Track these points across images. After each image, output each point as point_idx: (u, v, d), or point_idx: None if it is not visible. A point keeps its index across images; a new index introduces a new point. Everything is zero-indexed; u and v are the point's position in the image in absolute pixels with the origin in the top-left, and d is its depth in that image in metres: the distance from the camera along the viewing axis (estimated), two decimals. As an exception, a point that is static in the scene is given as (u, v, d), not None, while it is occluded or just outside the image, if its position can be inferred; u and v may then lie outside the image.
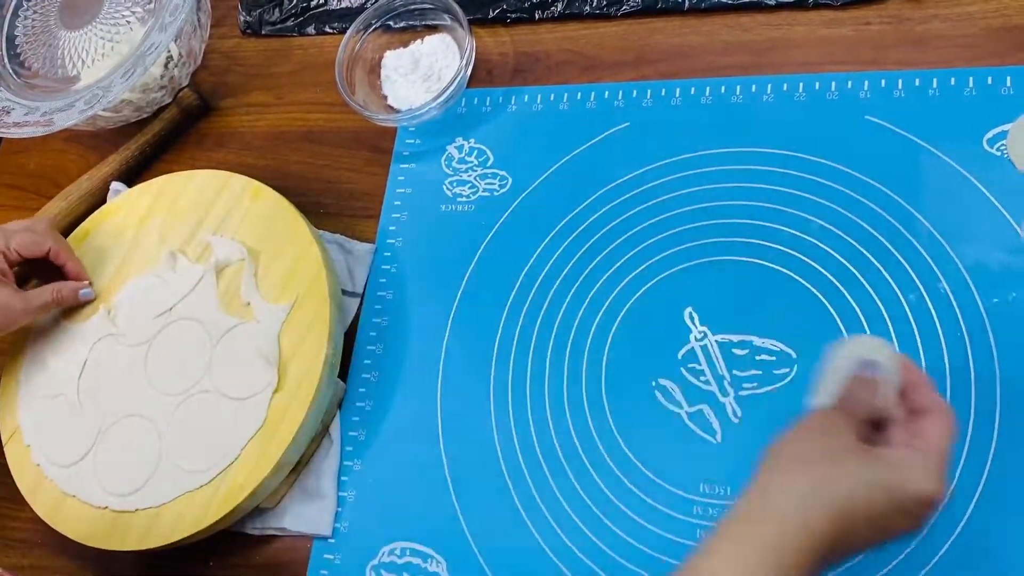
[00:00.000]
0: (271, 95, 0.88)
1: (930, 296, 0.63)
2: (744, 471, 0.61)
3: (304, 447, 0.68)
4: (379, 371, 0.72)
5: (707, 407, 0.64)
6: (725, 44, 0.76)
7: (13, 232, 0.72)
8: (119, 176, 0.85)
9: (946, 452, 0.47)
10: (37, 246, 0.72)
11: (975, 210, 0.65)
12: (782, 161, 0.70)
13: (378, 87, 0.83)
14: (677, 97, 0.75)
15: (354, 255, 0.76)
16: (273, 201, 0.75)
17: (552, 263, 0.72)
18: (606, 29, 0.80)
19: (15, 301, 0.70)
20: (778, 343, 0.64)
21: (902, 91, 0.70)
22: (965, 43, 0.70)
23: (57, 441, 0.72)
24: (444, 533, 0.65)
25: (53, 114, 0.78)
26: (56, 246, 0.73)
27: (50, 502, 0.70)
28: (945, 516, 0.57)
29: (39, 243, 0.72)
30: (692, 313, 0.67)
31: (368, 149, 0.82)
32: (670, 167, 0.72)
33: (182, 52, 0.85)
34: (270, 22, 0.90)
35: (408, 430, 0.70)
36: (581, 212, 0.73)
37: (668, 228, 0.70)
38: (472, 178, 0.77)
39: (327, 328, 0.69)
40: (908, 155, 0.68)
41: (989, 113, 0.67)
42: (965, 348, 0.61)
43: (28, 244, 0.72)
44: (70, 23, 0.85)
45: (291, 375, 0.68)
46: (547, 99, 0.78)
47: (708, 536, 0.46)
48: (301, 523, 0.68)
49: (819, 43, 0.73)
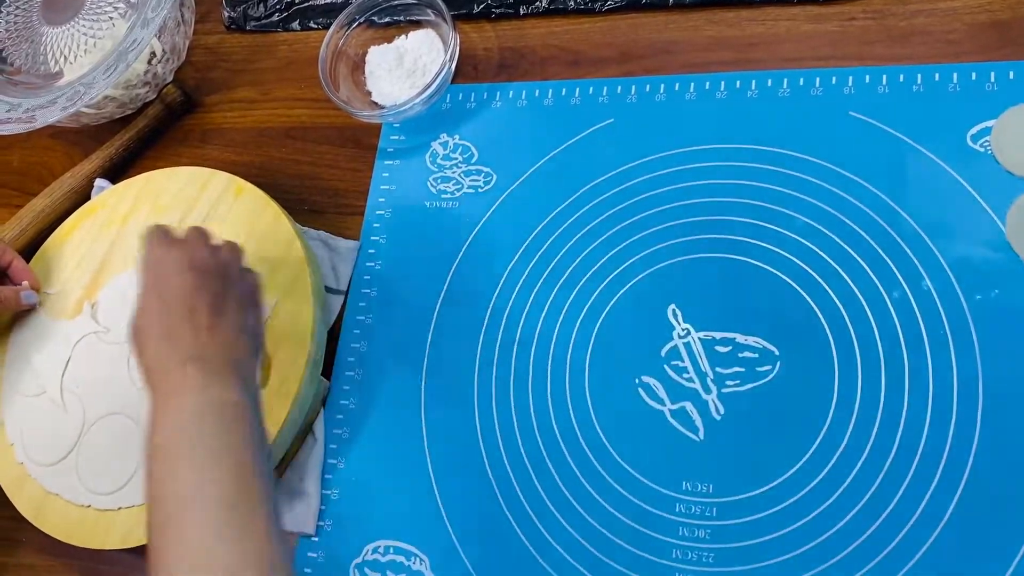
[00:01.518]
0: (255, 91, 0.87)
1: (913, 293, 0.63)
2: (727, 468, 0.62)
3: (287, 445, 0.68)
4: (363, 369, 0.72)
5: (690, 404, 0.64)
6: (709, 40, 0.75)
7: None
8: (103, 173, 0.85)
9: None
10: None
11: (959, 207, 0.65)
12: (766, 157, 0.70)
13: (362, 83, 0.82)
14: (661, 93, 0.75)
15: (338, 252, 0.76)
16: (256, 198, 0.75)
17: (536, 260, 0.72)
18: (591, 25, 0.79)
19: None
20: (761, 340, 0.64)
21: (886, 87, 0.70)
22: (949, 39, 0.70)
23: (40, 439, 0.72)
24: (427, 531, 0.65)
25: (35, 111, 0.78)
26: (9, 255, 0.72)
27: (33, 500, 0.70)
28: (926, 515, 0.58)
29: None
30: (675, 310, 0.67)
31: (352, 145, 0.81)
32: (654, 163, 0.72)
33: (165, 48, 0.84)
34: (254, 17, 0.90)
35: (392, 428, 0.69)
36: (565, 208, 0.73)
37: (652, 225, 0.70)
38: (457, 175, 0.77)
39: (310, 326, 0.68)
40: (892, 151, 0.67)
41: (973, 109, 0.67)
42: (948, 345, 0.61)
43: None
44: (52, 19, 0.84)
45: (274, 373, 0.68)
46: (532, 95, 0.78)
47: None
48: (285, 521, 0.67)
49: (803, 39, 0.73)
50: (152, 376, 0.55)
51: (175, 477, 0.50)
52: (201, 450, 0.50)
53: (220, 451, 0.51)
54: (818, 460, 0.61)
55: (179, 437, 0.51)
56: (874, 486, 0.59)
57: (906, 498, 0.58)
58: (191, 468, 0.50)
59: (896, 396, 0.61)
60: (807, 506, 0.60)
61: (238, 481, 0.50)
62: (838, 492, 0.60)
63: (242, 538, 0.48)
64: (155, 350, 0.56)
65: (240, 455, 0.51)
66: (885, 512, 0.58)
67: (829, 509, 0.59)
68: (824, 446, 0.61)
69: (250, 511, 0.49)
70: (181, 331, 0.56)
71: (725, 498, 0.61)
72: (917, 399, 0.60)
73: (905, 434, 0.60)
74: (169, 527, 0.49)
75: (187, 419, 0.52)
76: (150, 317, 0.57)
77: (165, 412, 0.53)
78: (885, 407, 0.61)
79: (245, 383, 0.55)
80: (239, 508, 0.49)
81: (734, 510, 0.61)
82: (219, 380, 0.54)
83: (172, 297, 0.57)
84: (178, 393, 0.53)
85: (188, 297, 0.57)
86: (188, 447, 0.51)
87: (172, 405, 0.53)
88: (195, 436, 0.51)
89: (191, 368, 0.54)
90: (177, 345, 0.55)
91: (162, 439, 0.52)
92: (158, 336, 0.56)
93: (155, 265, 0.59)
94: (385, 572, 0.65)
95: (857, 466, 0.60)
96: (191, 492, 0.49)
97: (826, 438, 0.61)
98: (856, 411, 0.61)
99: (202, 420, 0.52)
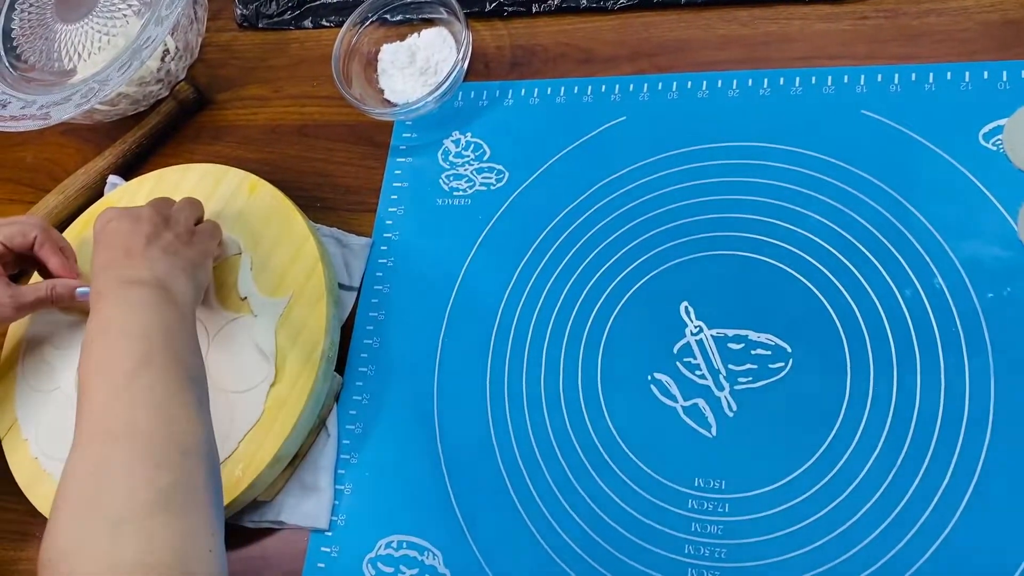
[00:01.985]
0: (268, 89, 0.88)
1: (925, 291, 0.63)
2: (739, 465, 0.62)
3: (301, 441, 0.68)
4: (376, 365, 0.72)
5: (702, 401, 0.64)
6: (722, 38, 0.76)
7: (1, 225, 0.70)
8: (116, 170, 0.85)
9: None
10: (23, 236, 0.70)
11: (971, 205, 0.65)
12: (778, 155, 0.70)
13: (375, 81, 0.83)
14: (674, 91, 0.75)
15: (351, 249, 0.76)
16: (270, 195, 0.75)
17: (548, 257, 0.72)
18: (603, 23, 0.80)
19: (4, 297, 0.68)
20: (774, 338, 0.65)
21: (898, 86, 0.70)
22: (961, 38, 0.70)
23: (55, 434, 0.72)
24: (440, 526, 0.66)
25: (50, 108, 0.78)
26: (43, 237, 0.70)
27: (48, 495, 0.70)
28: (938, 512, 0.58)
29: (25, 232, 0.70)
30: (688, 307, 0.67)
31: (365, 143, 0.82)
32: (666, 161, 0.72)
33: (178, 46, 0.85)
34: (267, 15, 0.90)
35: (404, 424, 0.70)
36: (577, 206, 0.73)
37: (664, 222, 0.70)
38: (469, 172, 0.77)
39: (324, 322, 0.69)
40: (904, 150, 0.68)
41: (985, 108, 0.67)
42: (960, 343, 0.61)
43: (13, 235, 0.70)
44: (66, 16, 0.84)
45: (288, 369, 0.68)
46: (544, 93, 0.78)
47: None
48: (298, 516, 0.68)
49: (815, 37, 0.73)
50: (91, 303, 0.60)
51: (89, 355, 0.56)
52: (112, 333, 0.57)
53: (130, 333, 0.56)
54: (830, 457, 0.61)
55: (95, 329, 0.57)
56: (886, 483, 0.59)
57: (918, 495, 0.59)
58: (103, 346, 0.56)
59: (908, 393, 0.61)
60: (819, 503, 0.60)
61: (145, 356, 0.55)
62: (850, 489, 0.60)
63: (136, 405, 0.53)
64: (95, 285, 0.61)
65: (153, 338, 0.56)
66: (897, 509, 0.59)
67: (841, 506, 0.60)
68: (836, 443, 0.61)
69: (150, 383, 0.54)
70: (114, 261, 0.62)
71: (737, 494, 0.62)
72: (929, 397, 0.61)
73: (916, 431, 0.60)
74: (79, 400, 0.54)
75: (105, 316, 0.58)
76: (95, 263, 0.63)
77: (91, 317, 0.59)
78: (897, 404, 0.61)
79: (168, 292, 0.61)
80: (140, 376, 0.54)
81: (746, 506, 0.61)
82: (142, 287, 0.60)
83: (110, 240, 0.64)
84: (104, 301, 0.59)
85: (123, 236, 0.64)
86: (101, 333, 0.57)
87: (99, 307, 0.59)
88: (108, 324, 0.57)
89: (115, 283, 0.60)
90: (110, 271, 0.62)
91: (85, 337, 0.57)
92: (97, 271, 0.62)
93: (99, 226, 0.66)
94: (398, 567, 0.65)
95: (869, 463, 0.60)
96: (99, 365, 0.55)
97: (838, 435, 0.61)
98: (868, 408, 0.61)
99: (117, 315, 0.58)
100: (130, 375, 0.54)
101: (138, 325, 0.57)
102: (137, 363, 0.54)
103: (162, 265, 0.63)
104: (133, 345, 0.55)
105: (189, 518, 0.49)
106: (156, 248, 0.64)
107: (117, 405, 0.53)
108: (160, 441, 0.51)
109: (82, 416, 0.53)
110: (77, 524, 0.48)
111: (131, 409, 0.52)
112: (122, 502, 0.48)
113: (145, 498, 0.48)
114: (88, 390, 0.54)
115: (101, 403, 0.53)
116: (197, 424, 0.54)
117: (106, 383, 0.54)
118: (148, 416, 0.52)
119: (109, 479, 0.49)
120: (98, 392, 0.54)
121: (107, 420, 0.52)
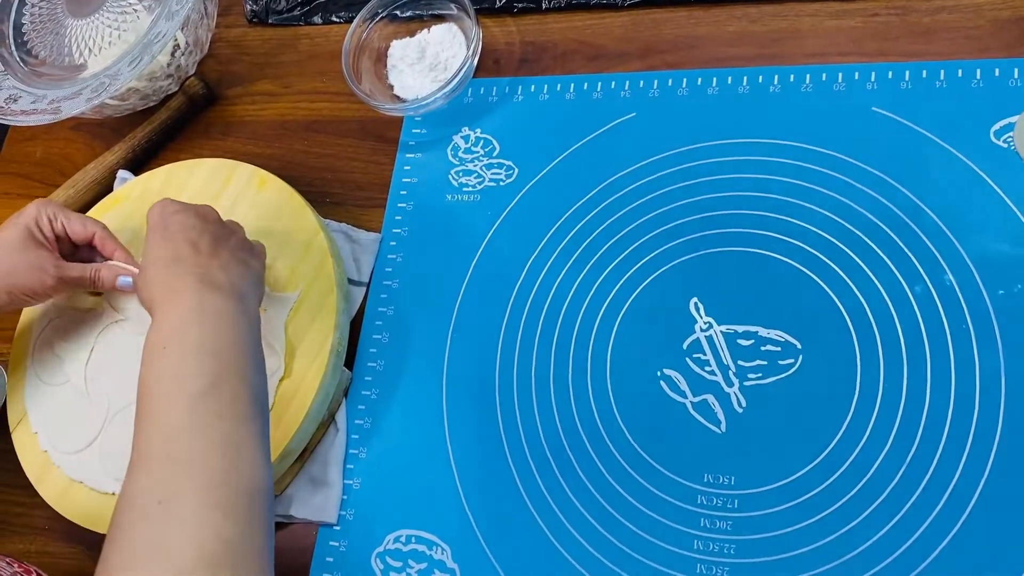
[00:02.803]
0: (277, 84, 0.88)
1: (936, 288, 0.63)
2: (748, 461, 0.62)
3: (310, 435, 0.68)
4: (385, 360, 0.72)
5: (712, 397, 0.64)
6: (732, 35, 0.76)
7: (69, 212, 0.71)
8: (126, 164, 0.85)
9: None
10: (83, 226, 0.70)
11: (981, 202, 0.65)
12: (788, 152, 0.70)
13: (384, 77, 0.83)
14: (684, 88, 0.75)
15: (360, 244, 0.76)
16: (279, 190, 0.75)
17: (557, 253, 0.72)
18: (613, 19, 0.80)
19: (49, 266, 0.68)
20: (783, 334, 0.65)
21: (909, 83, 0.70)
22: (972, 35, 0.70)
23: (64, 428, 0.72)
24: (449, 521, 0.66)
25: (60, 102, 0.78)
26: (103, 232, 0.71)
27: (57, 488, 0.71)
28: (947, 509, 0.58)
29: (85, 224, 0.71)
30: (697, 303, 0.67)
31: (374, 139, 0.82)
32: (676, 158, 0.72)
33: (188, 41, 0.85)
34: (276, 11, 0.90)
35: (413, 419, 0.70)
36: (587, 202, 0.73)
37: (674, 219, 0.70)
38: (478, 168, 0.77)
39: (333, 317, 0.69)
40: (914, 147, 0.68)
41: (996, 105, 0.67)
42: (971, 340, 0.61)
43: (74, 224, 0.70)
44: (77, 11, 0.85)
45: (297, 363, 0.68)
46: (553, 89, 0.78)
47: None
48: (307, 510, 0.68)
49: (826, 34, 0.73)
50: (157, 297, 0.58)
51: (156, 361, 0.54)
52: (188, 345, 0.54)
53: (204, 348, 0.54)
54: (839, 454, 0.61)
55: (169, 335, 0.55)
56: (895, 480, 0.59)
57: (927, 492, 0.59)
58: (175, 356, 0.54)
59: (918, 390, 0.61)
60: (828, 499, 0.60)
61: (216, 378, 0.53)
62: (859, 485, 0.60)
63: (202, 435, 0.50)
64: (161, 276, 0.58)
65: (226, 357, 0.54)
66: (906, 505, 0.59)
67: (850, 502, 0.60)
68: (845, 440, 0.61)
69: (219, 409, 0.52)
70: (185, 255, 0.59)
71: (746, 490, 0.62)
72: (939, 393, 0.61)
73: (927, 428, 0.60)
74: (142, 409, 0.52)
75: (181, 319, 0.55)
76: (155, 252, 0.60)
77: (164, 315, 0.56)
78: (907, 401, 0.61)
79: (243, 303, 0.58)
80: (208, 401, 0.52)
81: (755, 502, 0.61)
82: (219, 292, 0.57)
83: (176, 231, 0.61)
84: (179, 299, 0.56)
85: (191, 231, 0.61)
86: (176, 342, 0.54)
87: (169, 309, 0.56)
88: (184, 333, 0.55)
89: (191, 279, 0.57)
90: (182, 266, 0.59)
91: (155, 337, 0.55)
92: (164, 263, 0.59)
93: (159, 216, 0.62)
94: (407, 561, 0.65)
95: (878, 460, 0.60)
96: (167, 377, 0.53)
97: (848, 432, 0.61)
98: (878, 404, 0.61)
99: (194, 321, 0.55)
100: (196, 398, 0.52)
101: (213, 341, 0.54)
102: (207, 385, 0.52)
103: (235, 271, 0.60)
104: (205, 363, 0.53)
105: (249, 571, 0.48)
106: (226, 251, 0.61)
107: (182, 431, 0.51)
108: (224, 480, 0.49)
109: (142, 431, 0.52)
110: (143, 565, 0.47)
111: (197, 439, 0.50)
112: (191, 552, 0.46)
113: (212, 549, 0.47)
114: (150, 400, 0.53)
115: (164, 424, 0.51)
116: (261, 465, 0.52)
117: (171, 402, 0.52)
118: (215, 451, 0.50)
119: (178, 523, 0.47)
120: (161, 409, 0.52)
121: (170, 445, 0.50)
